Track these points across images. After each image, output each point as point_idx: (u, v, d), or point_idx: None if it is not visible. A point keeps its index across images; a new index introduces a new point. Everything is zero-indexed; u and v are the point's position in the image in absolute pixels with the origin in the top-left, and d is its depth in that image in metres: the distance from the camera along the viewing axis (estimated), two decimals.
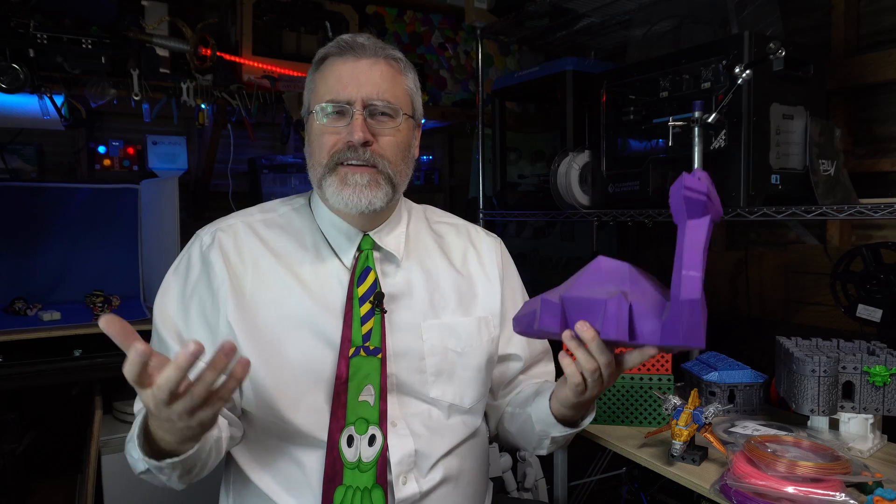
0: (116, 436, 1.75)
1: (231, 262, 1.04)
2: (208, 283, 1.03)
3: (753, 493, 1.03)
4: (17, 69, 1.67)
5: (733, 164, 1.44)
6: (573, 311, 0.89)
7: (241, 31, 2.18)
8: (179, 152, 2.40)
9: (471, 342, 1.11)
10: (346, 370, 1.00)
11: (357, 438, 0.99)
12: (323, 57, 1.07)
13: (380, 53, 1.05)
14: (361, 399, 1.00)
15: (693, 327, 0.79)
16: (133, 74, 1.85)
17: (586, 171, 1.89)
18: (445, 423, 1.08)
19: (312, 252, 1.08)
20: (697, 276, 0.78)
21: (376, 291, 1.04)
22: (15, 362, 1.63)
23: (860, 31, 1.90)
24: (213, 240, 1.06)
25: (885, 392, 1.22)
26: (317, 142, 1.04)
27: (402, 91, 1.07)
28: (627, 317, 0.84)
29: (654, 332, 0.83)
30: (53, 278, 2.12)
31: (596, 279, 0.90)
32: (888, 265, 1.43)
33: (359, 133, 1.00)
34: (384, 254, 1.11)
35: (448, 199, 3.06)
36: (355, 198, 1.02)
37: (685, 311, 0.78)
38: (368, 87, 1.02)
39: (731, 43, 1.43)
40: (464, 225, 1.25)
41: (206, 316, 1.02)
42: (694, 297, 0.78)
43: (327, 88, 1.03)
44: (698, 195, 0.79)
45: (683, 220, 0.80)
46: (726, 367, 1.44)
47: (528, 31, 2.19)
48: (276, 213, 1.13)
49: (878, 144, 1.89)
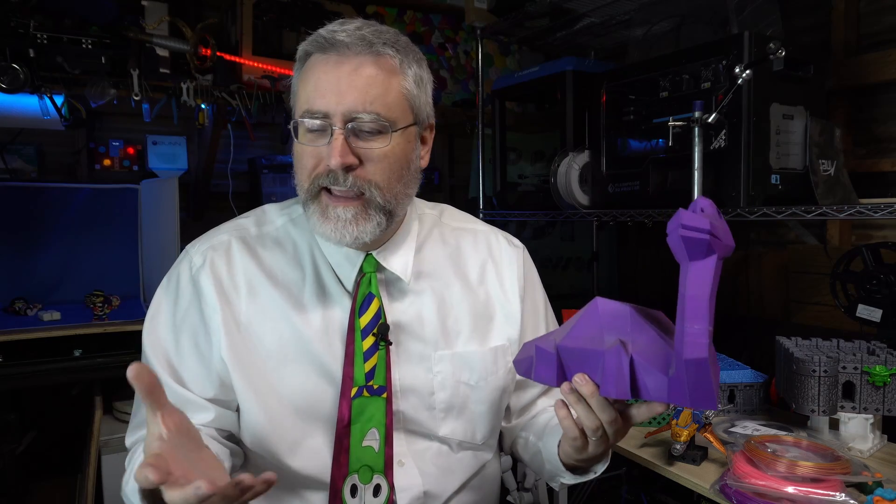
0: (116, 436, 1.75)
1: (224, 286, 0.93)
2: (200, 311, 0.93)
3: (753, 493, 1.03)
4: (17, 69, 1.67)
5: (733, 164, 1.44)
6: (570, 362, 0.78)
7: (241, 31, 2.18)
8: (179, 152, 2.40)
9: (485, 374, 1.00)
10: (349, 413, 0.91)
11: (361, 488, 0.91)
12: (305, 53, 0.90)
13: (365, 52, 0.86)
14: (365, 444, 0.92)
15: (701, 388, 0.68)
16: (133, 74, 1.85)
17: (586, 171, 1.89)
18: (456, 458, 1.00)
19: (311, 274, 0.96)
20: (703, 331, 0.67)
21: (380, 323, 0.93)
22: (15, 362, 1.63)
23: (860, 31, 1.90)
24: (204, 260, 0.94)
25: (885, 392, 1.22)
26: (297, 161, 0.91)
27: (397, 96, 0.88)
28: (628, 372, 0.73)
29: (660, 388, 0.72)
30: (53, 278, 2.12)
31: (594, 324, 0.78)
32: (888, 265, 1.43)
33: (336, 158, 0.84)
34: (389, 276, 0.98)
35: (448, 199, 3.06)
36: (338, 234, 0.88)
37: (690, 371, 0.68)
38: (350, 98, 0.84)
39: (731, 43, 1.43)
40: (484, 232, 1.10)
41: (199, 346, 0.93)
42: (699, 357, 0.67)
43: (306, 96, 0.87)
44: (699, 234, 0.66)
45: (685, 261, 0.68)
46: (726, 367, 1.44)
47: (528, 31, 2.19)
48: (274, 226, 1.00)
49: (878, 144, 1.89)
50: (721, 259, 0.68)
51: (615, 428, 0.78)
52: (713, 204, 0.69)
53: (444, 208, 1.12)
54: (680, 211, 0.68)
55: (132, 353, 1.73)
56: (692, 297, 0.67)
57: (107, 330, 1.75)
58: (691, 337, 0.67)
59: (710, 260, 0.67)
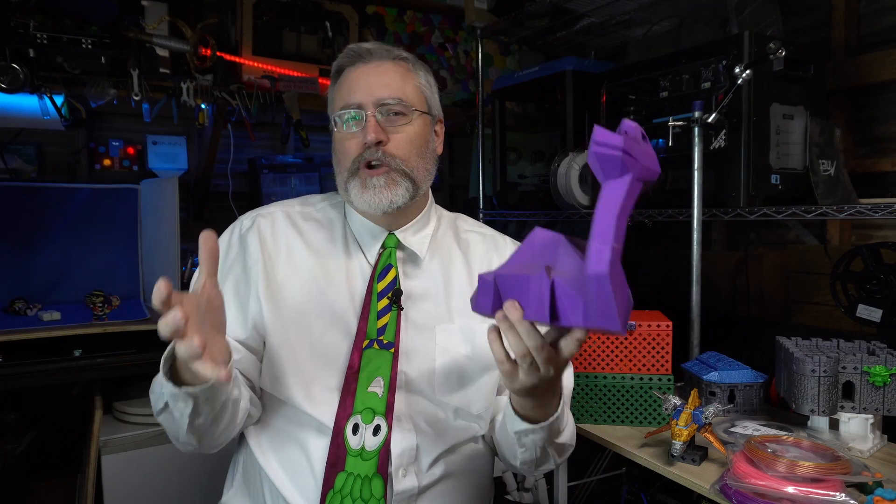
0: (116, 436, 1.75)
1: (266, 245, 1.10)
2: (243, 263, 1.09)
3: (753, 493, 1.03)
4: (17, 69, 1.67)
5: (733, 164, 1.44)
6: (505, 290, 0.79)
7: (241, 31, 2.18)
8: (179, 152, 2.40)
9: (483, 348, 1.07)
10: (359, 360, 1.03)
11: (362, 427, 1.01)
12: (338, 70, 1.12)
13: (385, 56, 1.09)
14: (371, 390, 1.02)
15: (604, 307, 0.67)
16: (133, 74, 1.85)
17: (586, 171, 1.89)
18: (451, 424, 1.08)
19: (342, 246, 1.13)
20: (606, 247, 0.66)
21: (395, 288, 1.08)
22: (15, 362, 1.63)
23: (860, 31, 1.90)
24: (252, 223, 1.12)
25: (885, 392, 1.22)
26: (339, 149, 1.09)
27: (413, 88, 1.10)
28: (548, 295, 0.72)
29: (577, 312, 0.71)
30: (53, 278, 2.12)
31: (530, 253, 0.80)
32: (888, 265, 1.43)
33: (371, 134, 1.04)
34: (408, 253, 1.13)
35: (448, 199, 3.06)
36: (376, 199, 1.05)
37: (593, 287, 0.67)
38: (378, 88, 1.06)
39: (731, 43, 1.43)
40: (493, 235, 1.25)
41: (239, 293, 1.07)
42: (599, 271, 0.66)
43: (341, 96, 1.08)
44: (611, 150, 0.66)
45: (601, 177, 0.68)
46: (726, 367, 1.44)
47: (528, 31, 2.20)
48: (315, 208, 1.18)
49: (878, 144, 1.89)
50: (639, 181, 0.68)
51: (543, 356, 0.79)
52: (639, 127, 0.68)
53: (459, 215, 1.29)
54: (595, 127, 0.67)
55: (132, 353, 1.73)
56: (600, 215, 0.67)
57: (107, 330, 1.75)
58: (594, 253, 0.66)
59: (624, 179, 0.67)
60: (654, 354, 1.38)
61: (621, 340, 1.38)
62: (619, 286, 0.68)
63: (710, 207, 1.48)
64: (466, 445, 1.11)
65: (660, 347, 1.38)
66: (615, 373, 1.40)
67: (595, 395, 1.41)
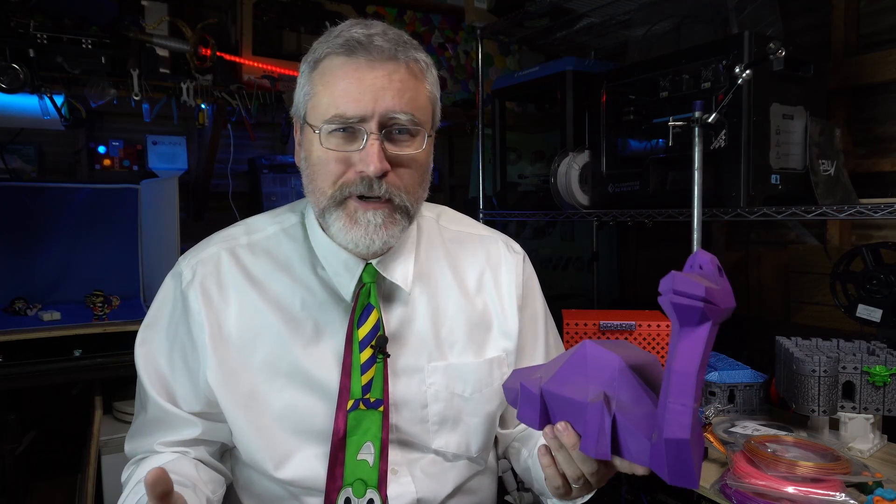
0: (116, 436, 1.75)
1: (213, 302, 0.91)
2: (188, 329, 0.92)
3: (753, 493, 1.03)
4: (17, 69, 1.67)
5: (733, 164, 1.44)
6: (554, 406, 0.74)
7: (241, 31, 2.18)
8: (179, 152, 2.40)
9: (479, 386, 0.98)
10: (345, 426, 0.89)
11: (355, 501, 0.90)
12: (326, 54, 0.86)
13: (400, 56, 0.85)
14: (360, 458, 0.90)
15: (681, 467, 0.62)
16: (133, 74, 1.85)
17: (586, 171, 1.89)
18: (449, 465, 0.99)
19: (304, 286, 0.94)
20: (687, 408, 0.61)
21: (379, 335, 0.91)
22: (15, 362, 1.63)
23: (860, 31, 1.90)
24: (193, 275, 0.93)
25: (885, 392, 1.22)
26: (321, 167, 0.87)
27: (426, 101, 0.89)
28: (610, 431, 0.68)
29: (642, 452, 0.66)
30: (53, 278, 2.12)
31: (580, 371, 0.73)
32: (888, 265, 1.43)
33: (375, 164, 0.82)
34: (388, 285, 0.96)
35: (448, 199, 3.06)
36: (367, 239, 0.87)
37: (671, 450, 0.62)
38: (387, 99, 0.83)
39: (731, 43, 1.43)
40: (483, 238, 1.07)
41: (188, 362, 0.93)
42: (679, 438, 0.61)
43: (332, 100, 0.84)
44: (692, 301, 0.58)
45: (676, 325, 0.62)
46: (726, 367, 1.44)
47: (528, 31, 2.19)
48: (264, 235, 0.98)
49: (878, 144, 1.89)
50: (717, 325, 0.60)
51: (597, 478, 0.75)
52: (714, 259, 0.61)
53: (442, 210, 1.10)
54: (673, 274, 0.60)
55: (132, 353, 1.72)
56: (678, 372, 0.61)
57: (107, 330, 1.75)
58: (673, 415, 0.61)
59: (703, 329, 0.60)
60: (654, 354, 1.38)
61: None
62: (696, 443, 0.63)
63: (710, 207, 1.48)
64: (469, 482, 1.02)
65: (660, 347, 1.38)
66: None
67: None
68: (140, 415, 0.97)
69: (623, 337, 1.41)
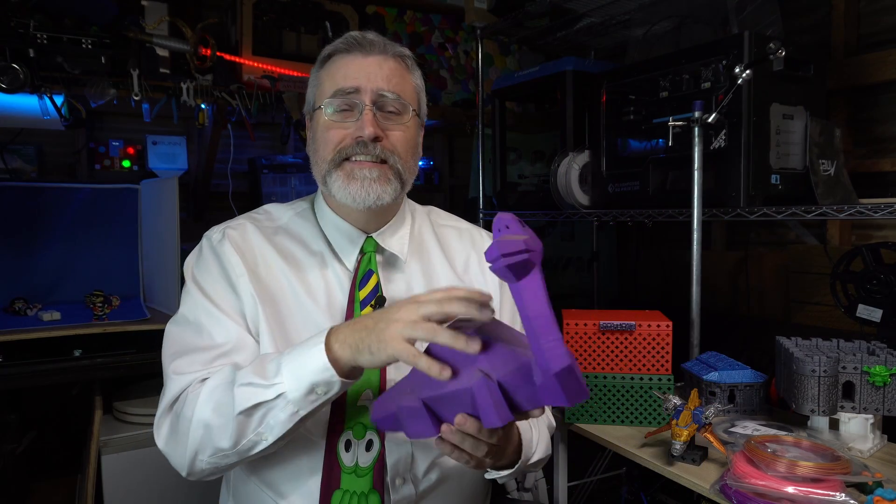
0: (116, 436, 1.75)
1: (245, 255, 1.03)
2: (226, 277, 1.01)
3: (753, 493, 1.03)
4: (17, 69, 1.67)
5: (733, 164, 1.44)
6: (441, 408, 0.79)
7: (241, 31, 2.18)
8: (179, 152, 2.40)
9: None
10: None
11: (354, 443, 0.98)
12: (329, 54, 1.05)
13: (388, 50, 1.03)
14: (360, 404, 0.99)
15: (574, 388, 0.70)
16: (133, 74, 1.85)
17: (586, 171, 1.89)
18: None
19: (317, 256, 1.07)
20: (559, 341, 0.69)
21: (378, 295, 1.03)
22: (15, 362, 1.63)
23: (860, 31, 1.90)
24: (222, 235, 1.05)
25: (885, 392, 1.22)
26: (322, 137, 1.02)
27: (411, 87, 1.06)
28: (502, 397, 0.74)
29: (533, 397, 0.73)
30: (53, 278, 2.12)
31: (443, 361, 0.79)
32: (888, 265, 1.43)
33: (369, 128, 0.97)
34: (387, 257, 1.09)
35: (448, 199, 3.06)
36: (363, 192, 0.99)
37: (562, 379, 0.69)
38: (379, 79, 1.00)
39: (731, 43, 1.43)
40: (468, 229, 1.22)
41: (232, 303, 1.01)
42: (564, 366, 0.69)
43: (334, 82, 1.01)
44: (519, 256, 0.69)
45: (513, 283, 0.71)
46: (726, 367, 1.44)
47: (528, 31, 2.20)
48: (282, 221, 1.11)
49: (878, 144, 1.89)
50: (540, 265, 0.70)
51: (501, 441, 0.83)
52: (514, 216, 0.72)
53: (432, 208, 1.25)
54: (494, 241, 0.70)
55: (132, 353, 1.72)
56: (536, 317, 0.70)
57: (107, 330, 1.75)
58: (550, 351, 0.69)
59: (535, 274, 0.71)
60: (655, 354, 1.38)
61: (621, 341, 1.38)
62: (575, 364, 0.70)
63: (710, 207, 1.48)
64: None
65: (660, 347, 1.38)
66: (615, 373, 1.40)
67: (595, 395, 1.41)
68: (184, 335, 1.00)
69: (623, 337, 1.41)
